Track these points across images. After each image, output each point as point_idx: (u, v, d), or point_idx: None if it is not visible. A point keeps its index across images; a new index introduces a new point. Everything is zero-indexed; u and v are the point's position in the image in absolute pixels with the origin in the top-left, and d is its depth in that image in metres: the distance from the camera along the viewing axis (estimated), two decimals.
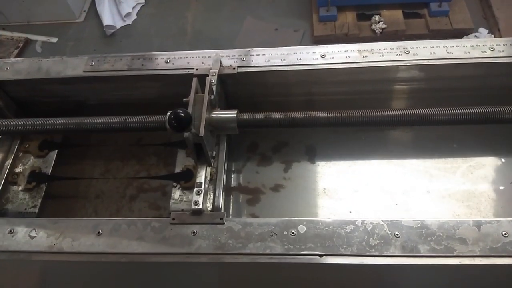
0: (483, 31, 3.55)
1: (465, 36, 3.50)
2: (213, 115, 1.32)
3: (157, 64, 1.58)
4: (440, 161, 1.65)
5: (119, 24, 3.96)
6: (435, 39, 1.53)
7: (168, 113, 1.17)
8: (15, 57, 3.67)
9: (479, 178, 1.59)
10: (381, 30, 3.58)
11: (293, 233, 1.19)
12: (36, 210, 1.62)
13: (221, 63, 1.53)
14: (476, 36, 3.51)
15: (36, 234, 1.26)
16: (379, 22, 3.59)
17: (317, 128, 1.50)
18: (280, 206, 1.63)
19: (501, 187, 1.57)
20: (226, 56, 1.57)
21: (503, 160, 1.62)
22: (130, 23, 4.02)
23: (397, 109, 1.34)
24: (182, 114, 1.13)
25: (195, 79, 1.29)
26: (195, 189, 1.28)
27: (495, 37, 3.44)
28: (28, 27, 4.05)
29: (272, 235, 1.19)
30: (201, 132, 1.19)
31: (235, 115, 1.31)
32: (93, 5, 4.12)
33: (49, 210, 1.65)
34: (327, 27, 3.63)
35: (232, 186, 1.67)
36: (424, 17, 3.62)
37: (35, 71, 1.62)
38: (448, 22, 3.56)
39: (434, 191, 1.59)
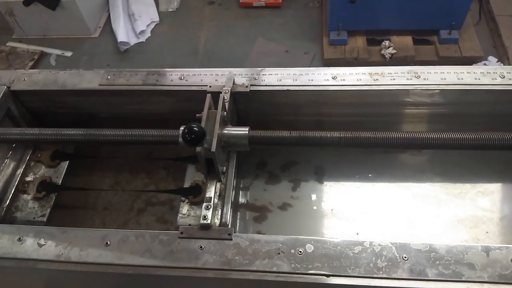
0: (492, 59, 3.58)
1: (474, 64, 3.53)
2: (225, 131, 1.34)
3: (171, 80, 1.61)
4: (448, 186, 1.65)
5: (133, 41, 4.04)
6: (447, 65, 1.55)
7: (182, 127, 1.19)
8: (29, 69, 3.75)
9: (488, 204, 1.59)
10: (390, 55, 3.62)
11: (300, 251, 1.19)
12: (45, 219, 1.63)
13: (234, 81, 1.55)
14: (485, 64, 3.54)
15: (44, 242, 1.27)
16: (388, 47, 3.64)
17: (326, 148, 1.52)
18: (287, 225, 1.63)
19: (509, 214, 1.56)
20: (239, 74, 1.60)
21: (511, 186, 1.61)
22: (144, 41, 4.09)
23: (407, 132, 1.35)
24: (196, 129, 1.15)
25: (209, 95, 1.32)
26: (204, 204, 1.29)
27: (504, 65, 3.47)
28: (44, 40, 4.14)
29: (279, 253, 1.19)
30: (213, 148, 1.20)
31: (247, 132, 1.33)
32: (108, 21, 4.22)
33: (58, 219, 1.66)
34: (337, 51, 3.67)
35: (240, 203, 1.68)
36: (434, 44, 3.66)
37: (52, 82, 1.66)
38: (458, 49, 3.60)
39: (442, 215, 1.59)
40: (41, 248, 1.26)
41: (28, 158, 1.75)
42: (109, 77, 1.64)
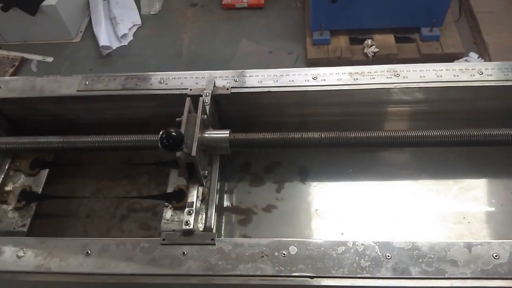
0: (473, 55, 3.62)
1: (455, 60, 3.57)
2: (206, 135, 1.32)
3: (151, 84, 1.59)
4: (431, 182, 1.66)
5: (115, 44, 4.00)
6: (427, 63, 1.56)
7: (160, 133, 1.18)
8: (10, 76, 3.69)
9: (470, 200, 1.60)
10: (373, 54, 3.63)
11: (284, 254, 1.18)
12: (25, 229, 1.59)
13: (214, 83, 1.54)
14: (466, 60, 3.58)
15: (23, 253, 1.24)
16: (371, 46, 3.65)
17: (309, 148, 1.51)
18: (272, 226, 1.62)
19: (492, 209, 1.57)
20: (220, 77, 1.59)
21: (493, 182, 1.63)
22: (126, 44, 4.05)
23: (389, 130, 1.35)
24: (174, 134, 1.13)
25: (188, 99, 1.31)
26: (186, 209, 1.27)
27: (485, 61, 3.51)
28: (24, 46, 4.07)
29: (263, 256, 1.19)
30: (193, 152, 1.19)
31: (228, 135, 1.32)
32: (89, 26, 4.16)
33: (39, 229, 1.63)
34: (321, 51, 3.68)
35: (225, 206, 1.67)
36: (416, 41, 3.69)
37: (29, 89, 1.63)
38: (439, 46, 3.63)
39: (425, 212, 1.59)
40: (20, 259, 1.24)
41: (7, 167, 1.71)
42: (87, 82, 1.61)
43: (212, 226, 1.43)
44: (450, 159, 1.69)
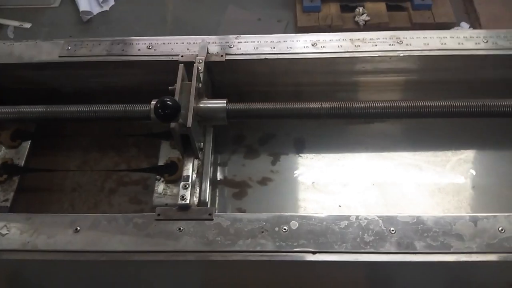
0: (464, 25, 3.57)
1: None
2: (201, 105, 1.24)
3: (139, 49, 1.49)
4: (429, 154, 1.63)
5: (96, 10, 3.80)
6: (430, 30, 1.49)
7: (153, 102, 1.09)
8: None
9: (469, 172, 1.58)
10: (364, 22, 3.55)
11: (285, 229, 1.14)
12: (8, 204, 1.51)
13: (207, 50, 1.45)
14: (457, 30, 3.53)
15: (8, 231, 1.17)
16: (362, 14, 3.57)
17: (305, 119, 1.45)
18: (268, 200, 1.57)
19: (491, 181, 1.55)
20: (213, 42, 1.49)
21: (493, 153, 1.60)
22: (108, 9, 3.85)
23: (389, 100, 1.30)
24: (169, 103, 1.05)
25: (181, 65, 1.22)
26: (182, 183, 1.20)
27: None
28: (0, 11, 3.85)
29: (263, 232, 1.13)
30: (189, 123, 1.11)
31: (225, 105, 1.25)
32: None
33: (22, 204, 1.54)
34: (311, 18, 3.58)
35: (218, 179, 1.61)
36: (407, 10, 3.61)
37: (6, 55, 1.51)
38: (431, 15, 3.56)
39: (424, 184, 1.57)
40: (4, 237, 1.16)
41: None
42: (69, 47, 1.50)
43: (207, 200, 1.37)
44: (448, 130, 1.65)
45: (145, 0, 3.95)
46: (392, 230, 1.12)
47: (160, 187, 1.47)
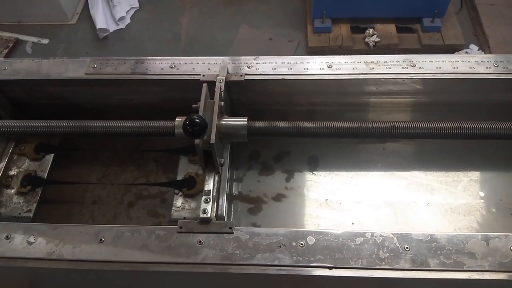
0: (473, 47, 3.62)
1: (456, 52, 3.57)
2: (223, 122, 1.30)
3: (162, 69, 1.55)
4: (441, 174, 1.66)
5: (112, 27, 3.91)
6: (441, 54, 1.54)
7: (179, 118, 1.15)
8: (4, 57, 3.59)
9: (480, 192, 1.60)
10: (374, 43, 3.62)
11: (302, 244, 1.17)
12: (31, 215, 1.56)
13: (227, 69, 1.51)
14: (467, 52, 3.58)
15: (34, 240, 1.21)
16: (372, 35, 3.63)
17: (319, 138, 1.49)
18: (282, 216, 1.61)
19: (502, 201, 1.58)
20: (232, 63, 1.55)
21: (503, 175, 1.64)
22: (124, 27, 3.97)
23: (401, 121, 1.35)
24: (197, 120, 1.11)
25: (205, 85, 1.28)
26: (204, 197, 1.25)
27: (485, 53, 3.51)
28: (19, 27, 3.96)
29: (280, 246, 1.17)
30: (212, 139, 1.17)
31: (245, 122, 1.30)
32: (86, 7, 4.06)
33: (44, 215, 1.60)
34: (321, 39, 3.65)
35: (234, 194, 1.65)
36: (417, 32, 3.68)
37: (35, 71, 1.58)
38: (440, 37, 3.62)
39: (435, 204, 1.60)
40: (31, 246, 1.20)
41: (10, 151, 1.67)
42: (95, 65, 1.57)
43: (224, 215, 1.41)
44: (460, 150, 1.68)
45: (160, 19, 4.06)
46: (407, 248, 1.16)
47: (178, 201, 1.52)
